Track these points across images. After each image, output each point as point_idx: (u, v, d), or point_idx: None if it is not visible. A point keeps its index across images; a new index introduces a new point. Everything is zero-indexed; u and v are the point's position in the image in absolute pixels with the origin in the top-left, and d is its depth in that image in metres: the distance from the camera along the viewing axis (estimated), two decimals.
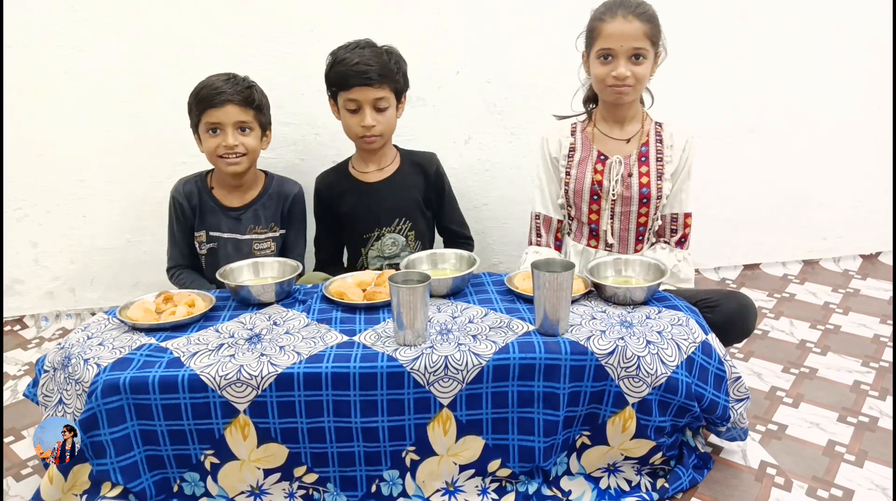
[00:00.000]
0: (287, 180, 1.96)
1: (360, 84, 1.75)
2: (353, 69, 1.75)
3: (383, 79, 1.76)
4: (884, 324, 2.19)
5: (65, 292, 2.34)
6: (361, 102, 1.77)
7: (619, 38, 1.61)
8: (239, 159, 1.79)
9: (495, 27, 2.21)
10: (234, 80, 1.78)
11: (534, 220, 1.87)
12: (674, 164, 1.74)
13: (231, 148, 1.77)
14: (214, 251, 1.91)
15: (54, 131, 2.15)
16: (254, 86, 1.82)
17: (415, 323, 1.31)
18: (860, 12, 2.37)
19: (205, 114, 1.76)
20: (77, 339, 1.40)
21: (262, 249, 1.90)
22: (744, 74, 2.38)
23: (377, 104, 1.78)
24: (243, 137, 1.78)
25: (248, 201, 1.90)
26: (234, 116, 1.76)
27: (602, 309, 1.47)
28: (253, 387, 1.26)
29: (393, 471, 1.34)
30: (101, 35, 2.07)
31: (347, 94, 1.78)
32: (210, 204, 1.89)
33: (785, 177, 2.55)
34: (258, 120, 1.82)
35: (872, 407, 1.75)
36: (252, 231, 1.89)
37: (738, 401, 1.44)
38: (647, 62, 1.64)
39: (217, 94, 1.74)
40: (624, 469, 1.43)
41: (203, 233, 1.90)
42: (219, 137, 1.77)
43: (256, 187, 1.91)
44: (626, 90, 1.65)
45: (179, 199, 1.89)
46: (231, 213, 1.89)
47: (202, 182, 1.91)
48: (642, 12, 1.61)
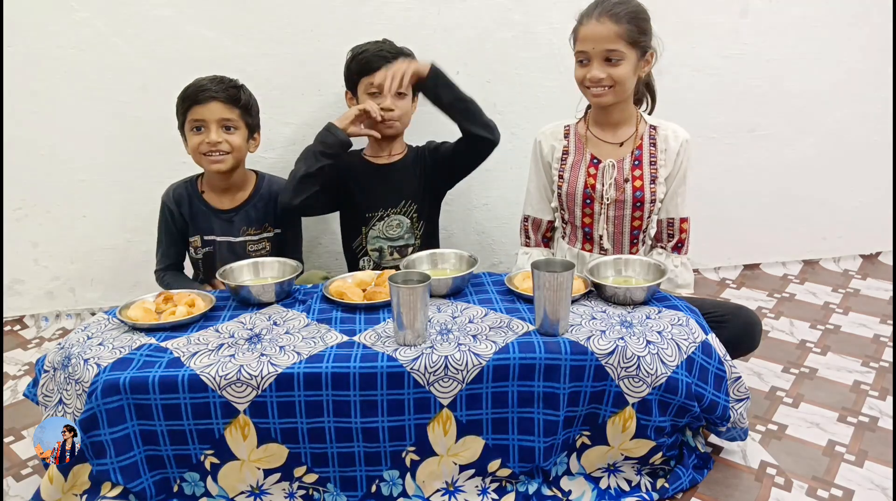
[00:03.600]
0: (278, 180, 1.94)
1: (382, 67, 1.78)
2: (376, 54, 1.81)
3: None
4: (884, 324, 2.19)
5: (65, 291, 2.34)
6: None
7: (591, 41, 1.60)
8: (223, 157, 1.77)
9: (495, 27, 2.21)
10: (220, 79, 1.78)
11: (522, 222, 1.90)
12: (668, 168, 1.72)
13: (214, 145, 1.75)
14: (211, 255, 1.90)
15: (54, 131, 2.15)
16: (241, 87, 1.81)
17: (415, 323, 1.31)
18: (860, 12, 2.37)
19: (190, 111, 1.76)
20: (77, 339, 1.40)
21: (258, 250, 1.89)
22: (743, 74, 2.38)
23: (399, 89, 1.78)
24: (227, 135, 1.77)
25: (239, 203, 1.89)
26: (218, 113, 1.75)
27: (602, 309, 1.47)
28: (253, 387, 1.26)
29: (393, 471, 1.34)
30: (102, 35, 2.07)
31: (370, 78, 1.81)
32: (201, 208, 1.88)
33: (785, 177, 2.55)
34: (244, 120, 1.80)
35: (872, 407, 1.75)
36: (245, 233, 1.89)
37: (738, 401, 1.44)
38: (625, 63, 1.61)
39: (202, 91, 1.74)
40: (624, 469, 1.43)
41: (197, 238, 1.89)
42: (203, 134, 1.76)
43: (247, 188, 1.90)
44: (601, 92, 1.64)
45: (170, 205, 1.88)
46: (223, 215, 1.88)
47: (192, 187, 1.90)
48: (619, 12, 1.58)
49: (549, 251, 1.88)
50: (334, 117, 1.78)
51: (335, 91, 2.19)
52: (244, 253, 1.88)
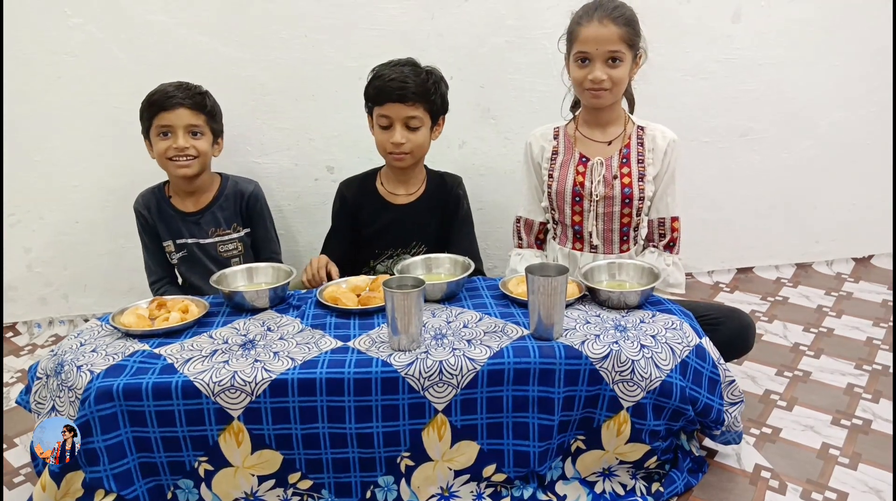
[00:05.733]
0: (242, 180, 1.97)
1: (392, 100, 1.73)
2: (388, 85, 1.72)
3: (417, 97, 1.73)
4: (877, 327, 2.19)
5: (58, 298, 2.33)
6: (393, 118, 1.75)
7: (594, 42, 1.62)
8: (189, 162, 1.80)
9: (489, 33, 2.22)
10: (186, 86, 1.81)
11: (515, 223, 1.91)
12: (656, 167, 1.74)
13: (181, 150, 1.78)
14: (187, 259, 1.93)
15: (48, 136, 2.15)
16: (206, 93, 1.84)
17: (409, 328, 1.31)
18: (854, 15, 2.39)
19: (156, 117, 1.78)
20: (70, 345, 1.40)
21: (229, 250, 1.93)
22: (736, 78, 2.39)
23: (409, 122, 1.76)
24: (194, 140, 1.80)
25: (204, 205, 1.91)
26: (185, 119, 1.78)
27: (596, 313, 1.47)
28: (247, 393, 1.26)
29: (388, 477, 1.34)
30: (95, 40, 2.06)
31: (380, 109, 1.75)
32: (169, 212, 1.91)
33: (777, 180, 2.56)
34: (210, 125, 1.84)
35: (866, 410, 1.75)
36: (214, 234, 1.91)
37: (732, 404, 1.44)
38: (624, 65, 1.65)
39: (169, 98, 1.76)
40: (619, 474, 1.43)
41: (170, 243, 1.92)
42: (169, 139, 1.78)
43: (212, 190, 1.93)
44: (602, 93, 1.67)
45: (141, 210, 1.92)
46: (190, 218, 1.91)
47: (160, 192, 1.93)
48: (618, 16, 1.62)
49: (542, 253, 1.89)
50: (328, 123, 1.78)
51: (329, 96, 2.20)
52: (216, 254, 1.92)
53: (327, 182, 2.24)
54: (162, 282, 1.95)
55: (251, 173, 2.12)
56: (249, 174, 2.08)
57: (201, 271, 1.92)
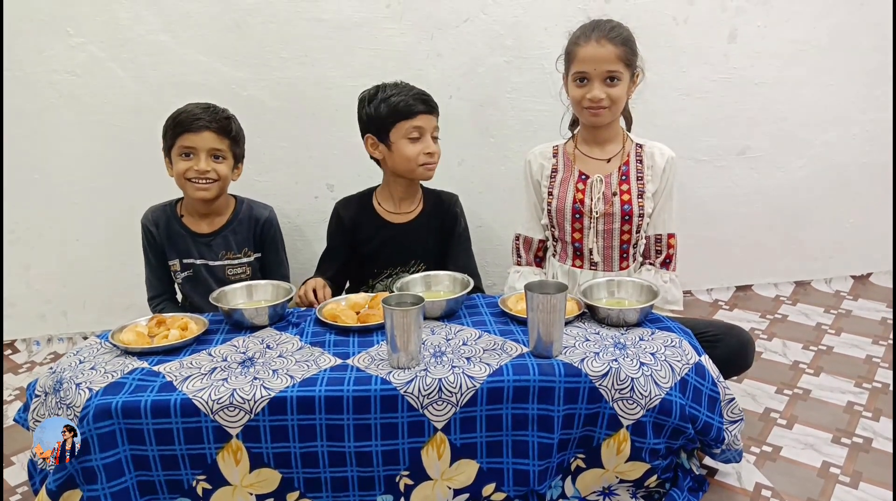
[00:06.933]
0: (258, 204, 1.96)
1: (424, 112, 1.75)
2: (413, 97, 1.74)
3: (435, 110, 1.79)
4: (876, 345, 2.19)
5: (57, 315, 2.33)
6: (425, 128, 1.76)
7: (592, 62, 1.64)
8: (209, 185, 1.79)
9: (487, 53, 2.24)
10: (213, 109, 1.79)
11: (514, 241, 1.92)
12: (655, 184, 1.76)
13: (203, 173, 1.77)
14: (191, 279, 1.91)
15: (48, 154, 2.16)
16: (232, 117, 1.83)
17: (408, 346, 1.31)
18: (848, 36, 2.42)
19: (181, 137, 1.76)
20: (69, 363, 1.39)
21: (237, 274, 1.90)
22: (732, 97, 2.42)
23: (434, 133, 1.79)
24: (216, 163, 1.78)
25: (217, 227, 1.90)
26: (209, 142, 1.76)
27: (595, 331, 1.47)
28: (246, 411, 1.25)
29: (387, 496, 1.33)
30: (97, 60, 2.08)
31: (412, 121, 1.74)
32: (179, 231, 1.89)
33: (775, 198, 2.58)
34: (232, 150, 1.82)
35: (866, 428, 1.75)
36: (224, 257, 1.89)
37: (732, 423, 1.44)
38: (622, 84, 1.67)
39: (196, 119, 1.75)
40: (619, 492, 1.42)
41: (176, 261, 1.90)
42: (191, 160, 1.77)
43: (226, 213, 1.91)
44: (601, 112, 1.69)
45: (149, 226, 1.89)
46: (201, 239, 1.89)
47: (171, 210, 1.91)
48: (615, 36, 1.64)
49: (541, 271, 1.90)
50: (327, 141, 1.79)
51: (328, 115, 2.21)
52: (224, 277, 1.90)
53: (327, 200, 2.25)
54: (161, 298, 1.93)
55: (251, 191, 2.12)
56: (249, 192, 2.08)
57: (204, 291, 1.90)
